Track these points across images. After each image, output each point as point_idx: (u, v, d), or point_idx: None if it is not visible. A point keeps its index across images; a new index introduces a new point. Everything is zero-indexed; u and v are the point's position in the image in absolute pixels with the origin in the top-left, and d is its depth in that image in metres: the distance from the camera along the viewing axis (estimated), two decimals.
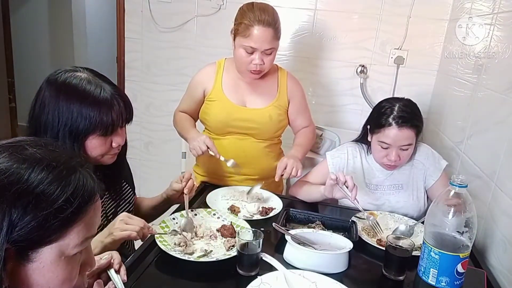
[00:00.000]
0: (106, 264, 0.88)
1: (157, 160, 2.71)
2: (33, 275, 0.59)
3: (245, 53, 1.54)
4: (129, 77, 2.66)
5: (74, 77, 1.05)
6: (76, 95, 1.03)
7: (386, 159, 1.46)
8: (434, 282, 1.02)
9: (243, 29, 1.51)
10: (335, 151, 1.63)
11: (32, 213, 0.56)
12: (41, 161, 0.59)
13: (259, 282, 1.00)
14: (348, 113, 2.40)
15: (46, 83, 1.06)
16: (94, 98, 1.04)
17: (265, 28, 1.50)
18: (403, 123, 1.40)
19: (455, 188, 1.00)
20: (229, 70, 1.69)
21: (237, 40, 1.55)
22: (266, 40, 1.51)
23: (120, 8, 2.54)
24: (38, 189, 0.57)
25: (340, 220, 1.36)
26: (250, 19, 1.50)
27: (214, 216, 1.34)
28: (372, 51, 2.28)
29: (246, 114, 1.65)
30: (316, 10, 2.28)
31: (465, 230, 0.99)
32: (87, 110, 1.03)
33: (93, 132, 1.05)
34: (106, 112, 1.05)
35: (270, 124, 1.67)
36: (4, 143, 0.62)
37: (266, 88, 1.69)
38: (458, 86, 1.82)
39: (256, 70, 1.57)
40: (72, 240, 0.61)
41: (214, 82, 1.68)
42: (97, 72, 1.11)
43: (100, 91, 1.05)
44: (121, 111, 1.09)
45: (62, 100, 1.02)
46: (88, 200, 0.62)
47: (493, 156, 1.35)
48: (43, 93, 1.04)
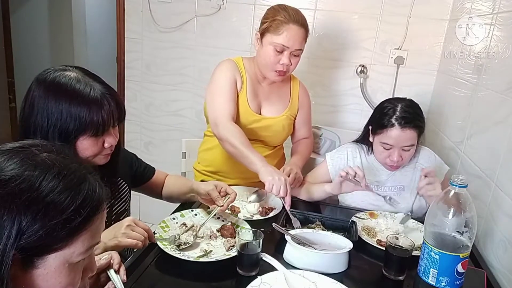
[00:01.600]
0: (105, 265, 0.88)
1: (157, 160, 2.71)
2: (36, 281, 0.59)
3: (274, 52, 1.51)
4: (129, 77, 2.65)
5: (63, 76, 1.02)
6: (65, 94, 1.00)
7: (388, 159, 1.45)
8: (434, 282, 1.02)
9: (277, 25, 1.49)
10: (334, 152, 1.63)
11: (41, 221, 0.56)
12: (52, 168, 0.59)
13: (259, 282, 1.00)
14: (348, 113, 2.40)
15: (35, 82, 1.03)
16: (84, 97, 1.01)
17: (299, 27, 1.50)
18: (406, 124, 1.39)
19: (455, 188, 0.99)
20: (249, 72, 1.64)
21: (267, 37, 1.51)
22: (298, 40, 1.50)
23: (120, 8, 2.54)
24: (49, 197, 0.57)
25: (340, 220, 1.36)
26: (285, 16, 1.49)
27: (214, 216, 1.34)
28: (372, 51, 2.28)
29: (262, 122, 1.63)
30: (316, 10, 2.28)
31: (465, 230, 0.99)
32: (76, 110, 0.99)
33: (84, 133, 1.02)
34: (96, 111, 1.01)
35: (282, 134, 1.68)
36: (14, 147, 0.62)
37: (280, 96, 1.68)
38: (458, 86, 1.82)
39: (282, 71, 1.54)
40: (77, 248, 0.61)
41: (242, 80, 1.62)
42: (88, 71, 1.08)
43: (90, 90, 1.02)
44: (112, 110, 1.05)
45: (51, 100, 1.00)
46: (96, 210, 0.63)
47: (493, 156, 1.35)
48: (32, 93, 1.02)
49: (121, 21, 2.57)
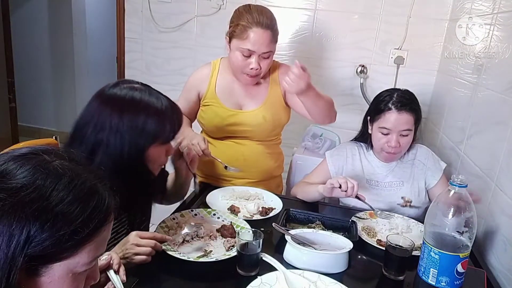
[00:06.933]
0: (105, 265, 0.88)
1: None
2: None
3: (242, 57, 1.50)
4: (129, 77, 2.65)
5: (134, 89, 1.08)
6: (142, 107, 1.06)
7: (386, 145, 1.48)
8: (434, 282, 1.02)
9: (240, 31, 1.47)
10: (334, 151, 1.64)
11: (49, 231, 0.56)
12: (64, 177, 0.59)
13: (259, 282, 1.00)
14: (348, 113, 2.40)
15: (103, 98, 1.07)
16: (157, 108, 1.08)
17: (263, 30, 1.46)
18: (402, 107, 1.45)
19: (455, 188, 1.00)
20: (225, 71, 1.64)
21: (233, 42, 1.50)
22: (264, 43, 1.47)
23: (120, 8, 2.54)
24: (58, 208, 0.57)
25: (340, 220, 1.36)
26: (248, 20, 1.46)
27: (214, 216, 1.34)
28: (372, 51, 2.27)
29: (239, 118, 1.61)
30: (316, 10, 2.28)
31: (465, 230, 0.99)
32: (152, 120, 1.06)
33: (156, 141, 1.08)
34: (169, 121, 1.10)
35: (265, 125, 1.63)
36: (26, 152, 0.62)
37: (260, 89, 1.64)
38: (458, 86, 1.82)
39: (253, 75, 1.53)
40: (82, 258, 0.61)
41: (208, 85, 1.63)
42: (147, 85, 1.14)
43: (161, 101, 1.09)
44: (180, 119, 1.15)
45: (126, 113, 1.04)
46: (104, 221, 0.63)
47: (493, 156, 1.35)
48: (100, 109, 1.05)
49: (121, 21, 2.57)
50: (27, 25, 4.35)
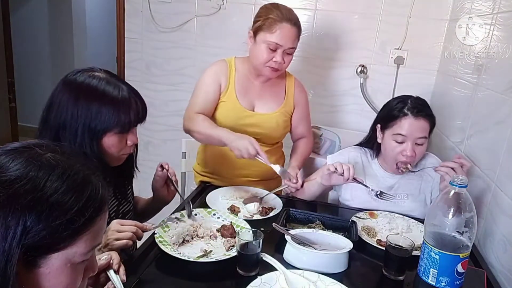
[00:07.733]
0: (105, 265, 0.88)
1: (157, 160, 2.67)
2: (38, 280, 0.59)
3: (267, 50, 1.53)
4: (129, 77, 2.65)
5: (93, 77, 1.09)
6: (96, 95, 1.07)
7: (401, 155, 1.40)
8: (434, 282, 1.02)
9: (270, 24, 1.50)
10: (336, 155, 1.61)
11: (45, 222, 0.56)
12: (57, 169, 0.60)
13: (259, 282, 1.00)
14: (348, 113, 2.40)
15: (64, 84, 1.10)
16: (114, 97, 1.08)
17: (291, 26, 1.51)
18: (419, 113, 1.39)
19: (455, 188, 0.99)
20: (240, 70, 1.67)
21: (260, 35, 1.53)
22: (291, 38, 1.52)
23: (120, 8, 2.54)
24: (53, 198, 0.57)
25: (340, 220, 1.36)
26: (278, 15, 1.50)
27: (214, 216, 1.34)
28: (372, 51, 2.27)
29: (254, 119, 1.64)
30: (316, 10, 2.28)
31: (465, 230, 0.99)
32: (106, 109, 1.07)
33: (111, 130, 1.09)
34: (124, 110, 1.10)
35: (276, 130, 1.68)
36: (18, 146, 0.62)
37: (275, 93, 1.68)
38: (458, 86, 1.82)
39: (275, 68, 1.56)
40: (80, 248, 0.61)
41: (228, 80, 1.64)
42: (112, 73, 1.16)
43: (119, 90, 1.10)
44: (138, 110, 1.14)
45: (82, 100, 1.06)
46: (99, 211, 0.63)
47: (493, 156, 1.35)
48: (61, 95, 1.08)
49: (121, 21, 2.56)
50: (27, 25, 4.34)
